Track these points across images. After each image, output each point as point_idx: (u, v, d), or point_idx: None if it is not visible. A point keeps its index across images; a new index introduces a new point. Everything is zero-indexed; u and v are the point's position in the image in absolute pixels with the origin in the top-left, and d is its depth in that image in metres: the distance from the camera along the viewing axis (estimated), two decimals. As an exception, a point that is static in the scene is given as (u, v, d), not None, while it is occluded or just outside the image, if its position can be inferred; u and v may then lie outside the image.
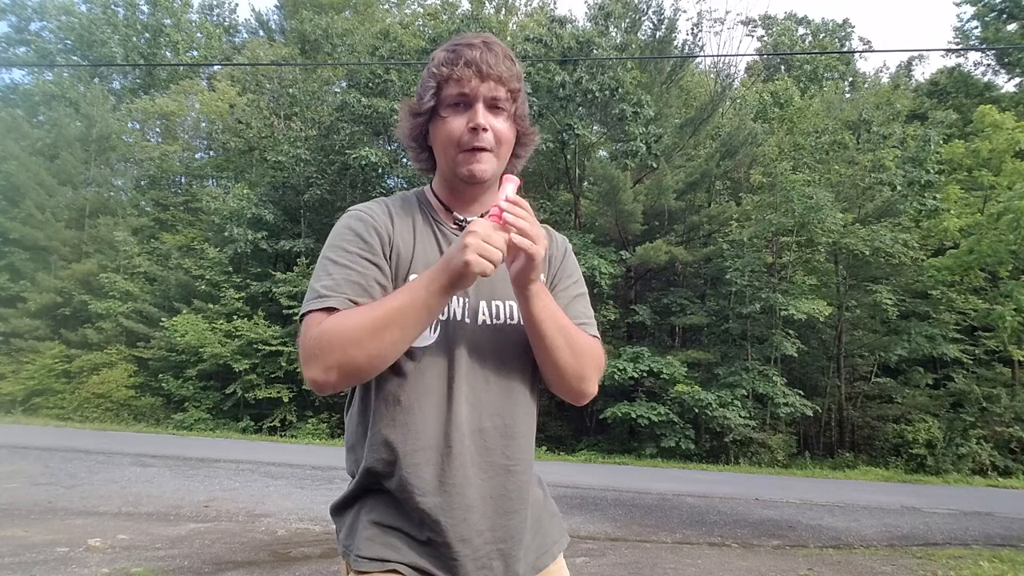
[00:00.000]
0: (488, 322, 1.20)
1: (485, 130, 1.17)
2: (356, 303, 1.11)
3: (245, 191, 19.48)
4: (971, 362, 16.00)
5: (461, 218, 1.26)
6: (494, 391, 1.18)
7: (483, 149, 1.18)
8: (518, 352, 1.22)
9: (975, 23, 21.65)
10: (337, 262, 1.15)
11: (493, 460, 1.16)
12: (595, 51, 17.09)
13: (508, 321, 1.22)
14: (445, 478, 1.12)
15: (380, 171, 18.39)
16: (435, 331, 1.16)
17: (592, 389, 1.26)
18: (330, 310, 1.10)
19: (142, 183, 24.38)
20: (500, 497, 1.16)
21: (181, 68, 27.60)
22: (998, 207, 13.99)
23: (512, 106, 1.21)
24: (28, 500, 6.58)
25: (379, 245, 1.18)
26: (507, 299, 1.22)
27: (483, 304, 1.21)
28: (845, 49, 30.19)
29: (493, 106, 1.18)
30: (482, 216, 1.19)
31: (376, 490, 1.16)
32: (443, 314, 1.16)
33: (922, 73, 29.18)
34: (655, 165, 17.46)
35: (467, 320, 1.18)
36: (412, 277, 1.16)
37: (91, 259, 21.16)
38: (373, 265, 1.15)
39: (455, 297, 1.16)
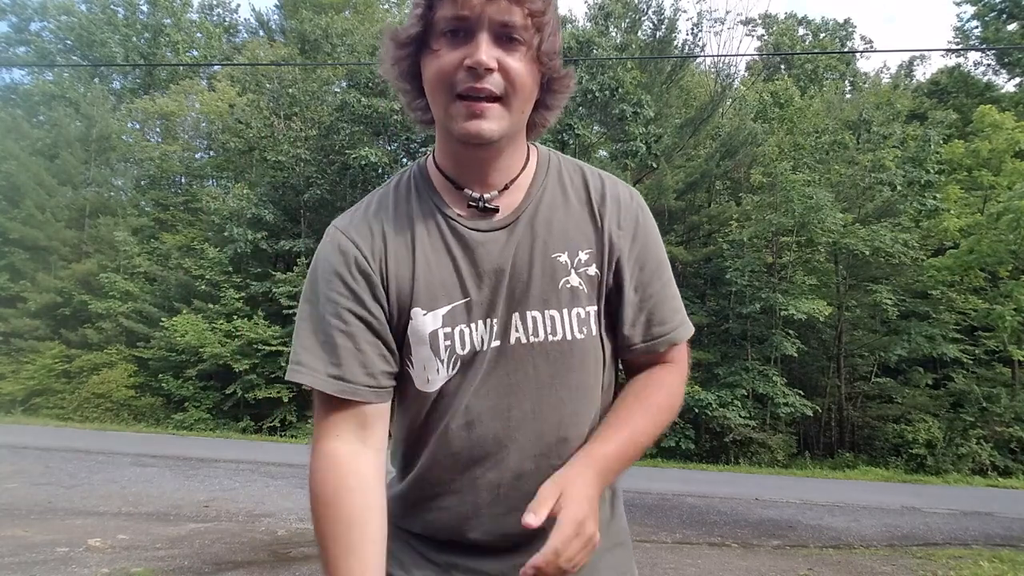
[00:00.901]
0: (524, 340, 0.94)
1: (490, 70, 0.84)
2: (343, 379, 0.91)
3: (245, 191, 19.47)
4: (971, 362, 16.00)
5: (476, 196, 0.95)
6: (539, 426, 0.94)
7: (487, 96, 0.86)
8: (568, 373, 0.95)
9: (975, 23, 21.67)
10: (319, 315, 0.93)
11: None
12: (595, 51, 17.08)
13: (550, 337, 0.94)
14: (469, 533, 0.95)
15: (380, 171, 18.39)
16: (451, 368, 0.93)
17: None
18: (335, 401, 0.91)
19: (142, 183, 24.36)
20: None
21: (181, 68, 27.59)
22: (998, 207, 14.01)
23: (535, 37, 0.87)
24: (28, 500, 6.58)
25: (367, 288, 0.92)
26: (547, 308, 0.94)
27: (515, 318, 0.94)
28: (845, 49, 30.19)
29: (506, 36, 0.86)
30: None
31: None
32: (461, 346, 0.93)
33: (923, 73, 29.22)
34: (655, 165, 17.46)
35: (494, 344, 0.93)
36: (415, 312, 0.92)
37: (91, 259, 21.15)
38: (359, 319, 0.92)
39: (478, 320, 0.93)
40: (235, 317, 18.25)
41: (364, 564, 0.87)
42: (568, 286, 0.95)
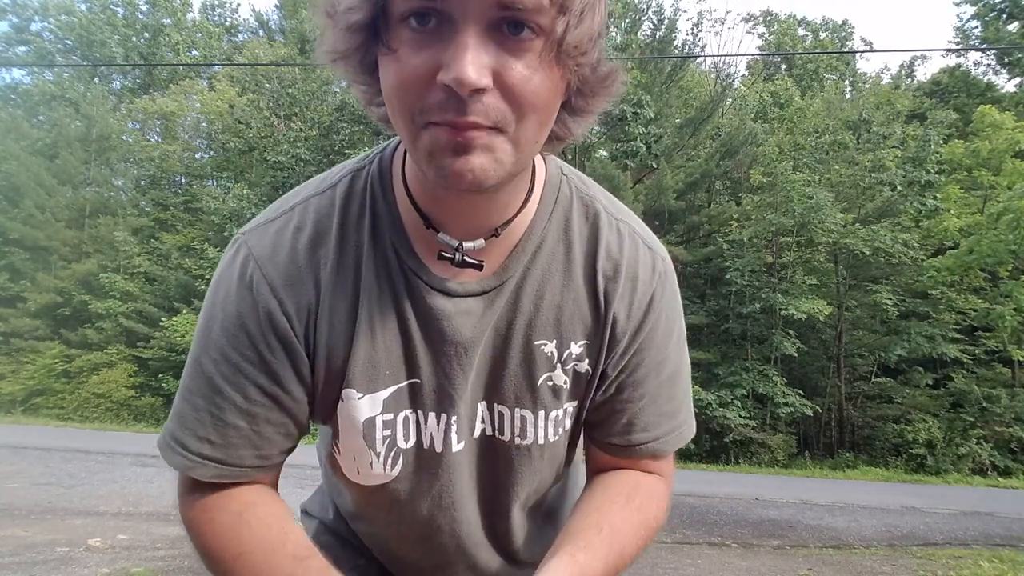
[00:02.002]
0: (488, 432, 0.76)
1: (480, 90, 0.53)
2: (229, 464, 0.69)
3: (245, 191, 19.49)
4: (971, 362, 15.99)
5: (454, 244, 0.68)
6: (487, 521, 0.83)
7: (475, 126, 0.54)
8: (530, 475, 0.79)
9: (975, 23, 21.66)
10: (210, 379, 0.68)
11: None
12: (595, 51, 17.08)
13: (517, 440, 0.76)
14: None
15: (380, 171, 18.41)
16: (390, 464, 0.73)
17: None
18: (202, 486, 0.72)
19: (142, 183, 24.37)
20: None
21: (181, 68, 27.59)
22: (998, 207, 14.01)
23: (558, 22, 0.53)
24: (28, 500, 6.57)
25: (285, 360, 0.68)
26: (519, 407, 0.74)
27: (482, 408, 0.75)
28: (845, 49, 30.19)
29: (508, 23, 0.53)
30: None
31: None
32: (405, 438, 0.73)
33: (924, 73, 29.27)
34: (655, 165, 17.47)
35: (455, 445, 0.74)
36: (349, 393, 0.70)
37: (91, 259, 21.16)
38: (266, 396, 0.69)
39: (430, 412, 0.73)
40: (235, 317, 18.26)
41: None
42: (550, 384, 0.74)
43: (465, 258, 0.67)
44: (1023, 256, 14.11)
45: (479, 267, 0.68)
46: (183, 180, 25.46)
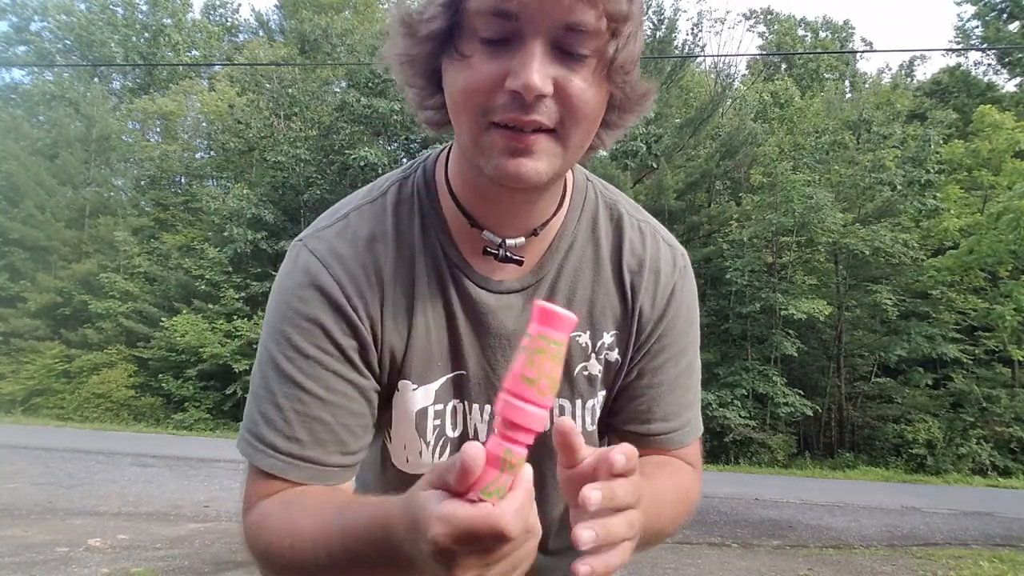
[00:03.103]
0: None
1: (541, 96, 0.61)
2: (320, 464, 0.71)
3: (245, 191, 19.49)
4: (971, 362, 16.00)
5: (497, 241, 0.75)
6: (540, 518, 0.79)
7: (535, 128, 0.63)
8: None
9: (976, 22, 21.66)
10: (290, 377, 0.71)
11: None
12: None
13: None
14: None
15: (380, 171, 18.37)
16: (438, 452, 0.78)
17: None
18: (274, 479, 0.71)
19: (142, 183, 24.38)
20: None
21: (181, 68, 27.59)
22: (998, 207, 14.01)
23: (610, 45, 0.63)
24: (28, 500, 6.57)
25: (357, 348, 0.73)
26: (558, 396, 0.79)
27: None
28: (845, 49, 30.19)
29: (568, 44, 0.62)
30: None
31: None
32: (453, 427, 0.78)
33: (924, 73, 29.26)
34: (655, 165, 17.46)
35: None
36: (404, 384, 0.76)
37: (91, 259, 21.16)
38: (348, 384, 0.72)
39: (474, 404, 0.78)
40: (235, 317, 18.26)
41: None
42: (585, 373, 0.79)
43: (508, 255, 0.74)
44: (1023, 256, 14.11)
45: (520, 263, 0.75)
46: (183, 180, 25.46)
